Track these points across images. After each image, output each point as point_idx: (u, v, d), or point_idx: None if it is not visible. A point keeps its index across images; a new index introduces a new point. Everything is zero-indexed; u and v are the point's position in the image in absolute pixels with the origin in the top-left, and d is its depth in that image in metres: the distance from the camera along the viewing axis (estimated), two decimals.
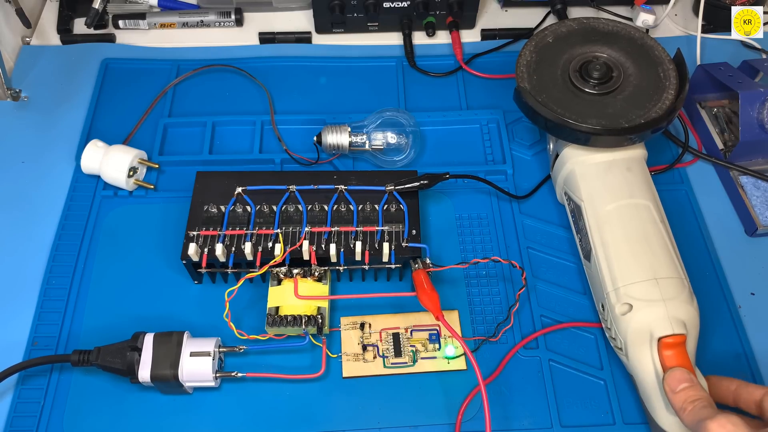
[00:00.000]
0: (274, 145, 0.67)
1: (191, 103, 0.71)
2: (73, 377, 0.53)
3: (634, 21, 0.77)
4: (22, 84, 0.72)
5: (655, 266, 0.51)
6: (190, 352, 0.51)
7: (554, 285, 0.59)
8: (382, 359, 0.54)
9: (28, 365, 0.52)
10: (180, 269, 0.56)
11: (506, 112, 0.70)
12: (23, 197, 0.63)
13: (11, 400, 0.52)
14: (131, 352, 0.50)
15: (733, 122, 0.68)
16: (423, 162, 0.67)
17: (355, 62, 0.75)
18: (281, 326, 0.53)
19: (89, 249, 0.60)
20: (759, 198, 0.63)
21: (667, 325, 0.48)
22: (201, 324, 0.55)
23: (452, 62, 0.75)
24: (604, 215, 0.54)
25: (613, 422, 0.52)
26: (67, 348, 0.55)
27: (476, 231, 0.62)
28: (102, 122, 0.69)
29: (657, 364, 0.48)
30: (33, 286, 0.58)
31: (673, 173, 0.67)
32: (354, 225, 0.56)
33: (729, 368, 0.54)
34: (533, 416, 0.52)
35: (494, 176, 0.65)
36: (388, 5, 0.74)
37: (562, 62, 0.60)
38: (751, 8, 0.72)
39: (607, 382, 0.54)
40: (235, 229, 0.56)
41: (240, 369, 0.52)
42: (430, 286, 0.53)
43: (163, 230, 0.61)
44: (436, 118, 0.69)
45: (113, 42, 0.77)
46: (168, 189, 0.64)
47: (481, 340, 0.55)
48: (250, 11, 0.80)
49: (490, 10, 0.82)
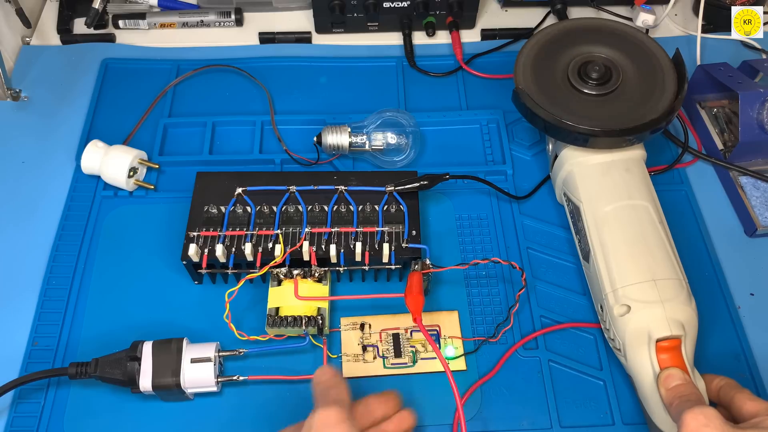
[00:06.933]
0: (274, 146, 0.67)
1: (191, 103, 0.71)
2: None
3: (634, 21, 0.77)
4: (22, 84, 0.72)
5: (653, 267, 0.51)
6: (191, 358, 0.51)
7: (554, 285, 0.59)
8: (382, 360, 0.54)
9: (24, 381, 0.51)
10: (180, 270, 0.56)
11: (506, 113, 0.70)
12: (23, 197, 0.63)
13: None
14: (131, 362, 0.50)
15: (733, 122, 0.68)
16: (423, 162, 0.67)
17: (355, 62, 0.75)
18: (281, 327, 0.53)
19: (89, 249, 0.60)
20: (759, 198, 0.63)
21: (665, 327, 0.48)
22: (201, 324, 0.56)
23: (452, 62, 0.75)
24: (603, 216, 0.54)
25: (612, 422, 0.52)
26: (68, 349, 0.55)
27: (476, 231, 0.62)
28: (102, 122, 0.69)
29: (655, 365, 0.48)
30: (33, 286, 0.58)
31: (672, 173, 0.67)
32: (354, 226, 0.56)
33: (728, 369, 0.54)
34: (533, 416, 0.52)
35: (494, 177, 0.65)
36: (388, 5, 0.74)
37: (561, 63, 0.60)
38: (751, 8, 0.71)
39: (606, 382, 0.54)
40: (236, 230, 0.56)
41: (240, 372, 0.52)
42: (418, 289, 0.52)
43: (164, 231, 0.61)
44: (436, 118, 0.69)
45: (113, 42, 0.77)
46: (168, 189, 0.64)
47: (480, 340, 0.56)
48: (250, 11, 0.80)
49: (490, 10, 0.82)
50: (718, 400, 0.47)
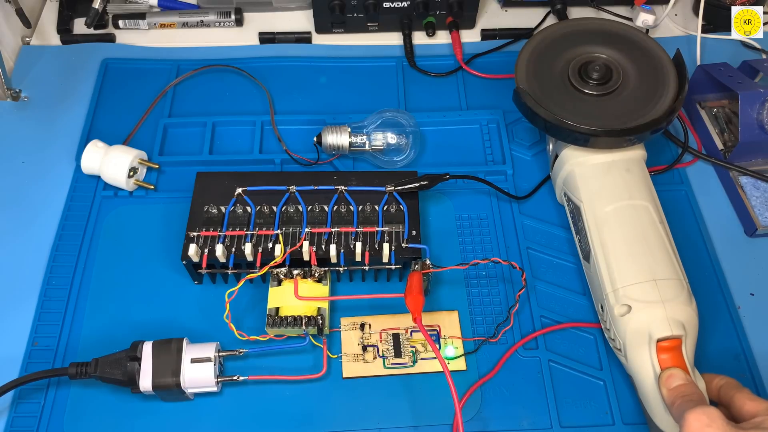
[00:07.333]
0: (274, 146, 0.67)
1: (191, 103, 0.71)
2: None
3: (634, 21, 0.77)
4: (22, 84, 0.72)
5: (653, 267, 0.51)
6: (191, 358, 0.50)
7: (554, 285, 0.59)
8: (382, 360, 0.54)
9: (24, 381, 0.51)
10: (180, 269, 0.56)
11: (506, 113, 0.70)
12: (23, 197, 0.63)
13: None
14: (131, 362, 0.50)
15: (733, 122, 0.68)
16: (423, 162, 0.67)
17: (355, 62, 0.75)
18: (281, 327, 0.53)
19: (89, 249, 0.60)
20: (759, 198, 0.63)
21: (666, 327, 0.48)
22: (201, 324, 0.56)
23: (452, 62, 0.75)
24: (603, 216, 0.54)
25: (612, 422, 0.52)
26: (68, 349, 0.55)
27: (476, 231, 0.62)
28: (102, 122, 0.69)
29: (656, 365, 0.48)
30: (33, 287, 0.58)
31: (672, 173, 0.67)
32: (354, 226, 0.56)
33: (728, 369, 0.54)
34: (533, 416, 0.52)
35: (494, 177, 0.65)
36: (388, 5, 0.74)
37: (562, 63, 0.60)
38: (751, 8, 0.71)
39: (606, 382, 0.54)
40: (236, 230, 0.56)
41: (240, 372, 0.52)
42: (418, 289, 0.52)
43: (164, 231, 0.61)
44: (436, 118, 0.69)
45: (113, 42, 0.77)
46: (168, 189, 0.64)
47: (480, 340, 0.56)
48: (250, 11, 0.80)
49: (490, 10, 0.82)
50: (719, 399, 0.47)
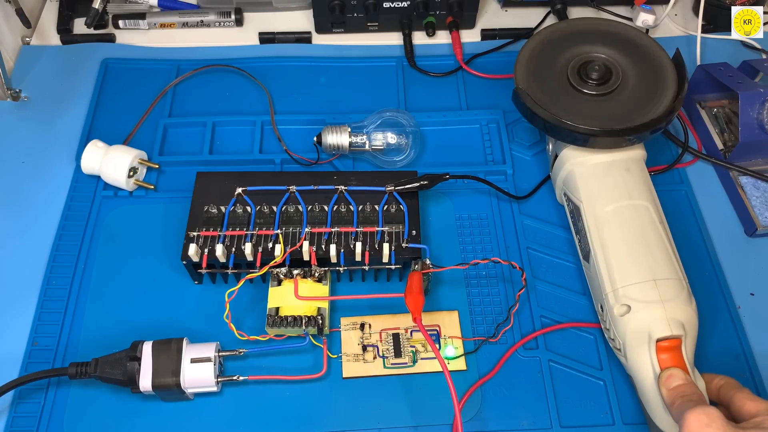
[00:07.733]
0: (274, 146, 0.67)
1: (191, 103, 0.71)
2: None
3: (634, 21, 0.77)
4: (22, 84, 0.72)
5: (653, 267, 0.51)
6: (191, 358, 0.50)
7: (554, 285, 0.59)
8: (382, 360, 0.54)
9: (24, 381, 0.51)
10: (180, 269, 0.56)
11: (506, 112, 0.70)
12: (23, 197, 0.63)
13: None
14: (131, 362, 0.50)
15: (733, 122, 0.68)
16: (423, 162, 0.67)
17: (355, 62, 0.75)
18: (281, 327, 0.53)
19: (89, 249, 0.60)
20: (759, 198, 0.63)
21: (666, 327, 0.48)
22: (201, 324, 0.56)
23: (452, 62, 0.75)
24: (603, 216, 0.54)
25: (612, 422, 0.52)
26: (68, 349, 0.55)
27: (476, 231, 0.62)
28: (102, 122, 0.69)
29: (655, 365, 0.48)
30: (33, 287, 0.58)
31: (672, 173, 0.67)
32: (354, 225, 0.56)
33: (728, 368, 0.54)
34: (533, 416, 0.52)
35: (494, 176, 0.65)
36: (388, 5, 0.74)
37: (561, 63, 0.60)
38: (751, 8, 0.71)
39: (606, 382, 0.54)
40: (236, 230, 0.56)
41: (240, 372, 0.52)
42: (418, 289, 0.52)
43: (164, 231, 0.61)
44: (436, 118, 0.69)
45: (113, 42, 0.77)
46: (168, 189, 0.64)
47: (480, 340, 0.56)
48: (250, 11, 0.80)
49: (490, 10, 0.82)
50: (718, 399, 0.47)
